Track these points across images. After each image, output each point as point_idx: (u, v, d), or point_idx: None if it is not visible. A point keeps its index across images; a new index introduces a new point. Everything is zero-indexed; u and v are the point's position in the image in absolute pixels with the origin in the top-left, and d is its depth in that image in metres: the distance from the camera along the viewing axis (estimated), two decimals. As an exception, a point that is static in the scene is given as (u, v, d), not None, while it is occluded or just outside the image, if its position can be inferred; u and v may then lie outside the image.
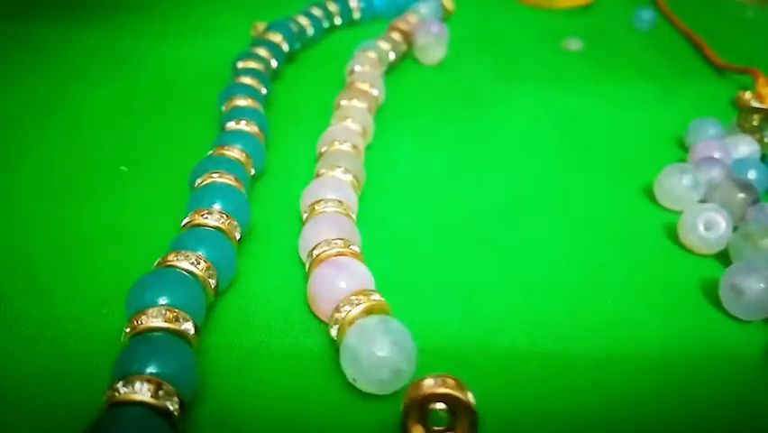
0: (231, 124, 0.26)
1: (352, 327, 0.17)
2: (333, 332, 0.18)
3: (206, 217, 0.20)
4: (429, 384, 0.15)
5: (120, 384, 0.15)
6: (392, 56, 0.36)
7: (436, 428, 0.16)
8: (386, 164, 0.28)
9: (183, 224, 0.21)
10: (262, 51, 0.32)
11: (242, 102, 0.28)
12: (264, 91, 0.30)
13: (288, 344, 0.19)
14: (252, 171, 0.25)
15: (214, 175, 0.22)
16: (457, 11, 0.46)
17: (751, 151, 0.29)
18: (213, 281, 0.19)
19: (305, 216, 0.22)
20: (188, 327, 0.17)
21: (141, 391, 0.15)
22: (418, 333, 0.19)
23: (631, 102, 0.37)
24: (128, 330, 0.17)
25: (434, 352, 0.19)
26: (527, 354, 0.20)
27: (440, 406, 0.15)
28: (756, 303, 0.21)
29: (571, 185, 0.28)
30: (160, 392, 0.15)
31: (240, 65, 0.31)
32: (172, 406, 0.15)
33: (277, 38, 0.34)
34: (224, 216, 0.21)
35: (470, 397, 0.16)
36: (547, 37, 0.45)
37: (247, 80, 0.29)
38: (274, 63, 0.33)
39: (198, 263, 0.19)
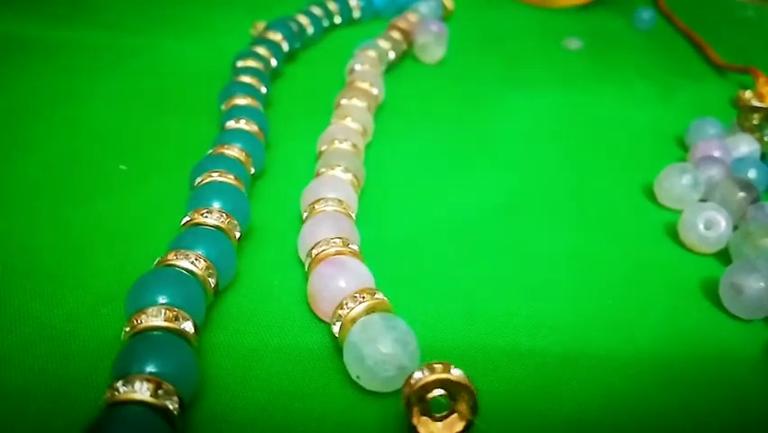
0: (230, 123, 0.26)
1: (355, 325, 0.17)
2: (336, 329, 0.18)
3: (206, 216, 0.20)
4: (420, 376, 0.16)
5: (120, 384, 0.15)
6: (392, 55, 0.36)
7: (439, 415, 0.16)
8: (386, 163, 0.28)
9: (183, 223, 0.21)
10: (262, 50, 0.32)
11: (241, 101, 0.28)
12: (264, 90, 0.30)
13: (287, 343, 0.19)
14: (252, 170, 0.24)
15: (213, 174, 0.22)
16: (457, 10, 0.46)
17: (751, 150, 0.29)
18: (212, 281, 0.19)
19: (305, 215, 0.22)
20: (188, 326, 0.17)
21: (141, 391, 0.15)
22: (419, 332, 0.19)
23: (631, 101, 0.37)
24: (128, 329, 0.17)
25: (435, 351, 0.19)
26: (528, 353, 0.20)
27: (438, 393, 0.16)
28: (756, 302, 0.21)
29: (571, 184, 0.28)
30: (160, 392, 0.15)
31: (240, 64, 0.31)
32: (172, 405, 0.15)
33: (277, 37, 0.34)
34: (224, 215, 0.21)
35: (461, 374, 0.16)
36: (547, 36, 0.45)
37: (247, 79, 0.29)
38: (274, 62, 0.33)
39: (198, 262, 0.19)
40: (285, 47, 0.34)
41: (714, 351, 0.21)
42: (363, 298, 0.18)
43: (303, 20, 0.37)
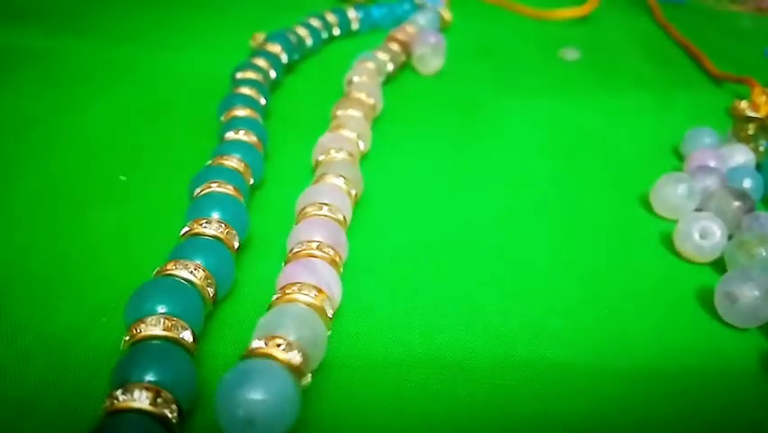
0: (230, 134, 0.26)
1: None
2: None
3: (205, 227, 0.21)
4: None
5: (119, 392, 0.15)
6: (390, 66, 0.36)
7: None
8: (383, 174, 0.28)
9: (182, 233, 0.21)
10: (261, 62, 0.33)
11: (241, 112, 0.28)
12: (263, 101, 0.30)
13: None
14: (251, 181, 0.25)
15: (213, 184, 0.22)
16: (455, 21, 0.46)
17: (746, 159, 0.30)
18: (211, 290, 0.19)
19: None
20: (186, 335, 0.17)
21: (140, 399, 0.15)
22: (417, 341, 0.19)
23: (627, 111, 0.37)
24: (127, 338, 0.17)
25: (432, 360, 0.19)
26: (523, 362, 0.20)
27: None
28: (751, 311, 0.21)
29: (567, 194, 0.29)
30: (159, 400, 0.15)
31: (239, 75, 0.31)
32: (170, 413, 0.15)
33: (276, 48, 0.34)
34: (223, 225, 0.21)
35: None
36: (544, 47, 0.45)
37: (246, 91, 0.30)
38: (273, 74, 0.33)
39: (197, 272, 0.19)
40: (284, 58, 0.35)
41: (709, 360, 0.21)
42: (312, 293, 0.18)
43: (302, 32, 0.38)
